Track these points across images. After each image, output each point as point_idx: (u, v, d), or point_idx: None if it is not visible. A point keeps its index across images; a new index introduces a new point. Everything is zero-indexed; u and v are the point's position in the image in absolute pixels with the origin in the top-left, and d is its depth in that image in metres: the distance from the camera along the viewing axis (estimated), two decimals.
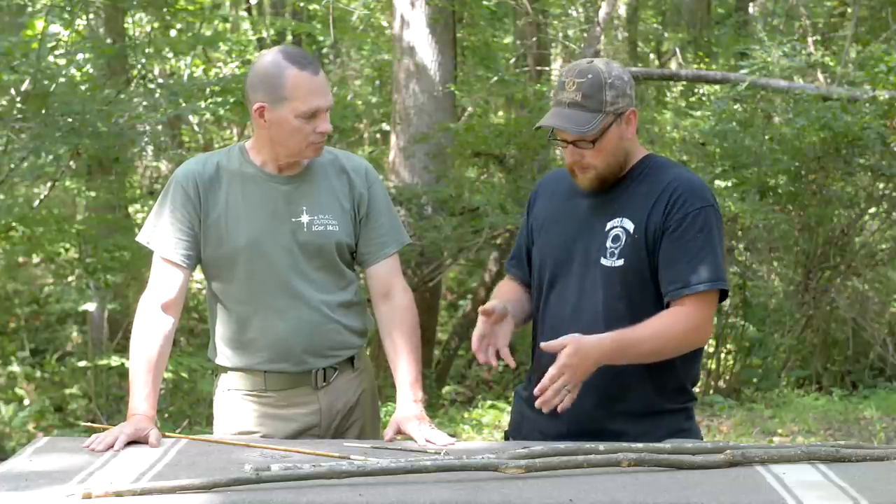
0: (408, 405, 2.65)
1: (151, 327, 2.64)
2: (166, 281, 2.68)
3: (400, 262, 2.86)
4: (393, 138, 8.58)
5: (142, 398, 2.56)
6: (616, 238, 2.55)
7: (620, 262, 2.54)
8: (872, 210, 8.12)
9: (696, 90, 9.67)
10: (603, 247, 2.56)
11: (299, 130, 2.61)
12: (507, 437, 2.79)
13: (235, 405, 2.77)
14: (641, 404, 2.57)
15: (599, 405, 2.53)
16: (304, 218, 2.69)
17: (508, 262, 2.86)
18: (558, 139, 2.55)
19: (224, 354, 2.77)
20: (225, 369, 2.79)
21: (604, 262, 2.55)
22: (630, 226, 2.54)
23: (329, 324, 2.72)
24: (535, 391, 2.40)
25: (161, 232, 2.70)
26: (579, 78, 2.51)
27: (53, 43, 7.37)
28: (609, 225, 2.57)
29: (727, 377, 8.10)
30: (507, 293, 2.75)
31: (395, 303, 2.78)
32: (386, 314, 2.78)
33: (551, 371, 2.39)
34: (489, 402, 7.71)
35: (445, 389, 8.80)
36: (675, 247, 2.51)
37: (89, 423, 3.48)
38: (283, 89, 2.57)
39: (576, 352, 2.39)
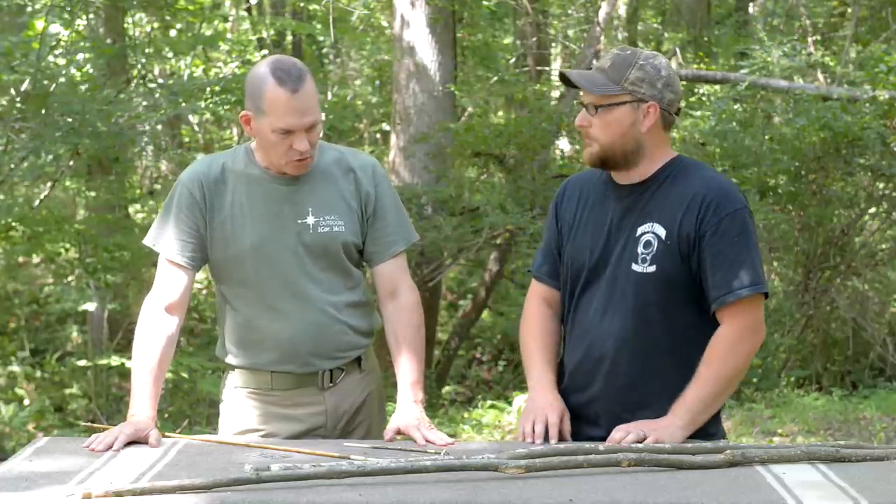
0: (408, 406, 2.64)
1: (155, 328, 2.64)
2: (171, 282, 2.68)
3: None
4: (393, 138, 8.58)
5: (143, 399, 2.56)
6: (648, 244, 2.52)
7: (653, 269, 2.51)
8: (872, 210, 8.11)
9: (696, 90, 9.66)
10: (634, 252, 2.53)
11: (277, 145, 2.60)
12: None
13: (242, 403, 2.77)
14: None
15: (639, 408, 2.52)
16: (310, 219, 2.68)
17: (538, 269, 2.75)
18: (579, 102, 2.60)
19: (232, 354, 2.77)
20: (233, 367, 2.79)
21: (635, 267, 2.52)
22: (661, 231, 2.51)
23: (336, 325, 2.71)
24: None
25: (167, 234, 2.69)
26: (617, 51, 2.57)
27: (53, 43, 7.37)
28: (640, 230, 2.54)
29: None
30: (546, 343, 2.70)
31: (401, 302, 2.77)
32: (392, 313, 2.77)
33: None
34: (489, 402, 7.71)
35: (445, 389, 8.80)
36: (714, 253, 2.48)
37: (89, 423, 3.49)
38: (262, 103, 2.57)
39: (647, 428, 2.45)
